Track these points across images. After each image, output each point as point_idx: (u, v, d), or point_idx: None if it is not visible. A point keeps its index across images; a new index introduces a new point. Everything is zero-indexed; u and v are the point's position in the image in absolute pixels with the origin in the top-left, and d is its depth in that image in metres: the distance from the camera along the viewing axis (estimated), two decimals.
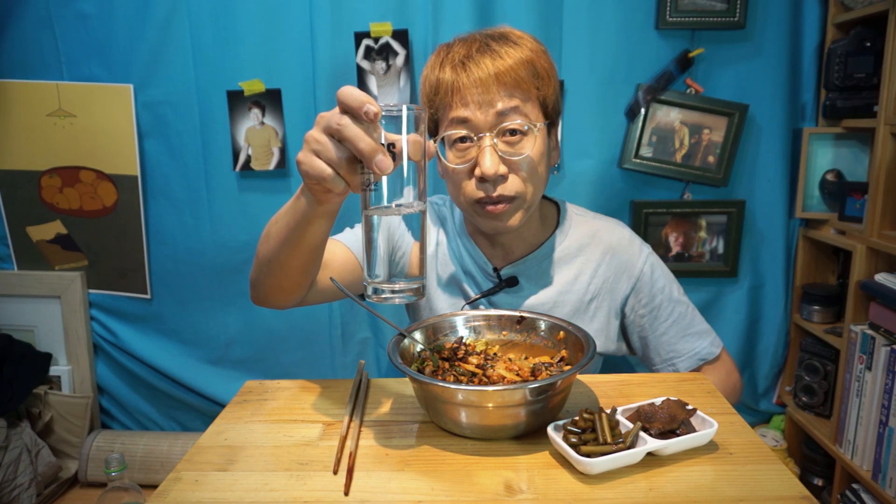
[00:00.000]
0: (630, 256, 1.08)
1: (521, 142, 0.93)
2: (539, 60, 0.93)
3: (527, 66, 0.91)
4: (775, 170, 1.74)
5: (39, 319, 1.95)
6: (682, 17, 1.63)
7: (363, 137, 0.61)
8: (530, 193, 0.96)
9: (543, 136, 0.95)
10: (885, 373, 1.44)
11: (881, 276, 1.48)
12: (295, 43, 1.69)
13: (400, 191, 0.64)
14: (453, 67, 0.91)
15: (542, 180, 0.98)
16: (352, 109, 0.62)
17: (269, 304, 0.96)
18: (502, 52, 0.91)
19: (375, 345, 1.89)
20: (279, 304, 0.95)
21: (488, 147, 0.91)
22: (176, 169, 1.81)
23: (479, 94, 0.90)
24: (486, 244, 1.09)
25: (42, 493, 1.78)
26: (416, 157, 0.64)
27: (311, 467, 0.68)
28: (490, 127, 0.91)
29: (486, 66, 0.89)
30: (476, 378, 0.77)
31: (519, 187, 0.94)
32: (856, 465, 1.53)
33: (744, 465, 0.66)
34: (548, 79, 0.94)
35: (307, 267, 0.87)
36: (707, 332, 1.09)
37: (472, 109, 0.91)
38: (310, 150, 0.65)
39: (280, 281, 0.89)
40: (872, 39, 1.54)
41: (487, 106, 0.90)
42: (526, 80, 0.91)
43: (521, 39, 0.94)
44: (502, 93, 0.90)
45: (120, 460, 0.98)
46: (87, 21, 1.72)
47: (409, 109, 0.63)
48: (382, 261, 0.65)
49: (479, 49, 0.91)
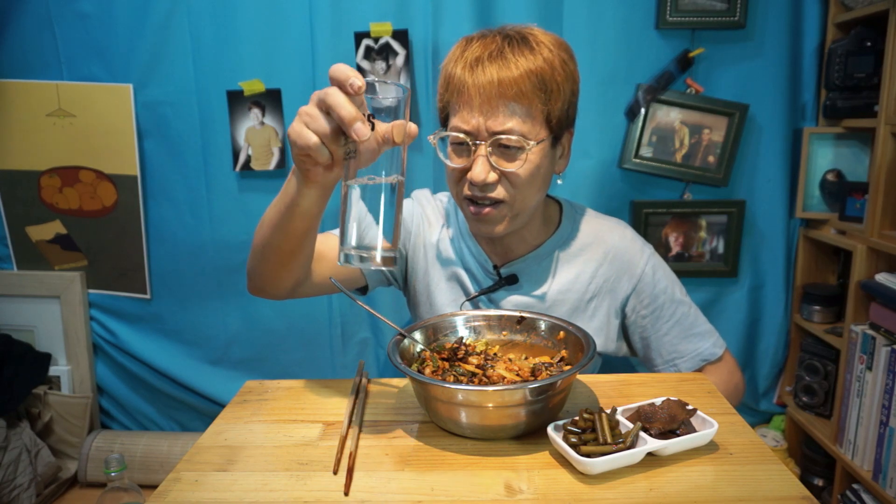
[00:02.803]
0: (632, 257, 1.08)
1: (515, 155, 0.93)
2: (551, 72, 0.92)
3: (534, 77, 0.91)
4: (775, 170, 1.74)
5: (39, 319, 1.95)
6: (682, 16, 1.63)
7: (345, 105, 0.67)
8: (518, 202, 0.96)
9: (541, 151, 0.95)
10: (886, 373, 1.44)
11: (881, 276, 1.48)
12: (295, 43, 1.69)
13: (379, 165, 0.70)
14: (464, 67, 0.93)
15: (536, 190, 0.98)
16: (339, 82, 0.68)
17: (264, 292, 0.98)
18: (513, 60, 0.91)
19: (375, 345, 1.89)
20: (274, 291, 0.98)
21: (482, 156, 0.92)
22: (176, 169, 1.81)
23: (480, 102, 0.91)
24: (486, 242, 1.09)
25: (42, 494, 1.77)
26: (398, 138, 0.70)
27: (311, 467, 0.68)
28: (486, 136, 0.92)
29: (492, 73, 0.90)
30: (476, 378, 0.77)
31: (506, 195, 0.95)
32: (856, 466, 1.53)
33: (744, 465, 0.66)
34: (557, 92, 0.93)
35: (298, 250, 0.89)
36: (710, 332, 1.09)
37: (473, 116, 0.92)
38: (300, 122, 0.70)
39: (273, 267, 0.92)
40: (873, 39, 1.54)
41: (487, 115, 0.91)
42: (529, 93, 0.91)
43: (540, 45, 0.93)
44: (502, 105, 0.91)
45: (120, 460, 0.98)
46: (87, 21, 1.72)
47: (399, 88, 0.68)
48: (352, 229, 0.69)
49: (492, 54, 0.92)
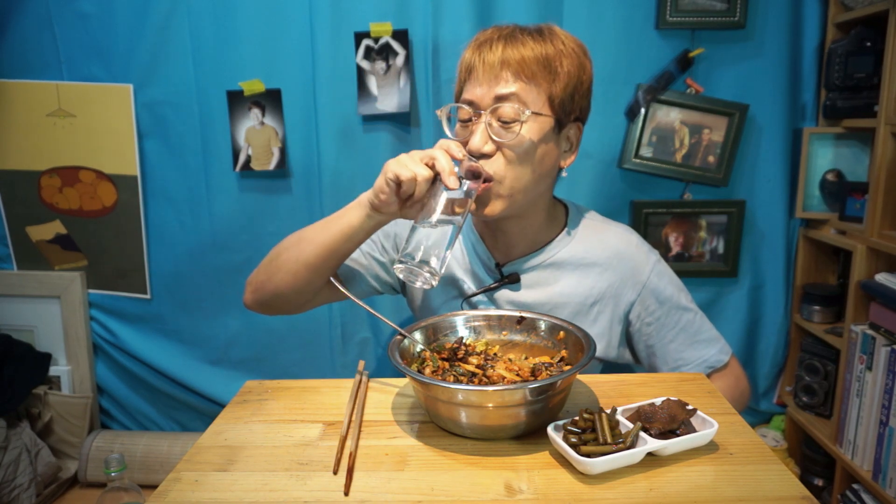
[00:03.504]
0: (637, 263, 1.07)
1: (513, 126, 0.94)
2: (558, 56, 0.96)
3: (541, 57, 0.94)
4: (775, 170, 1.74)
5: (39, 319, 1.95)
6: (682, 16, 1.63)
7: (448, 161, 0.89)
8: (511, 180, 0.96)
9: (539, 129, 0.95)
10: (886, 373, 1.44)
11: (881, 276, 1.48)
12: (295, 43, 1.69)
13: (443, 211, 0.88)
14: (474, 48, 0.98)
15: (531, 172, 0.97)
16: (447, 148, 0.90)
17: (271, 306, 1.05)
18: (521, 40, 0.96)
19: (375, 345, 1.89)
20: (285, 307, 1.05)
21: (481, 125, 0.95)
22: (176, 169, 1.81)
23: (485, 73, 0.95)
24: (489, 238, 1.09)
25: (42, 494, 1.77)
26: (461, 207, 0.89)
27: (311, 467, 0.68)
28: (488, 104, 0.95)
29: (499, 50, 0.95)
30: (476, 378, 0.77)
31: (500, 168, 0.95)
32: (856, 466, 1.53)
33: (744, 465, 0.66)
34: (563, 77, 0.96)
35: (332, 270, 1.02)
36: (716, 339, 1.08)
37: (478, 87, 0.96)
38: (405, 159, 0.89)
39: (301, 284, 1.01)
40: (872, 39, 1.54)
41: (490, 85, 0.95)
42: (533, 70, 0.94)
43: (554, 36, 0.97)
44: (505, 76, 0.94)
45: (120, 460, 0.98)
46: (87, 21, 1.72)
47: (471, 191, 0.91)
48: (416, 247, 0.83)
49: (503, 36, 0.97)
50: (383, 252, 1.13)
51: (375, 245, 1.13)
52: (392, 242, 1.13)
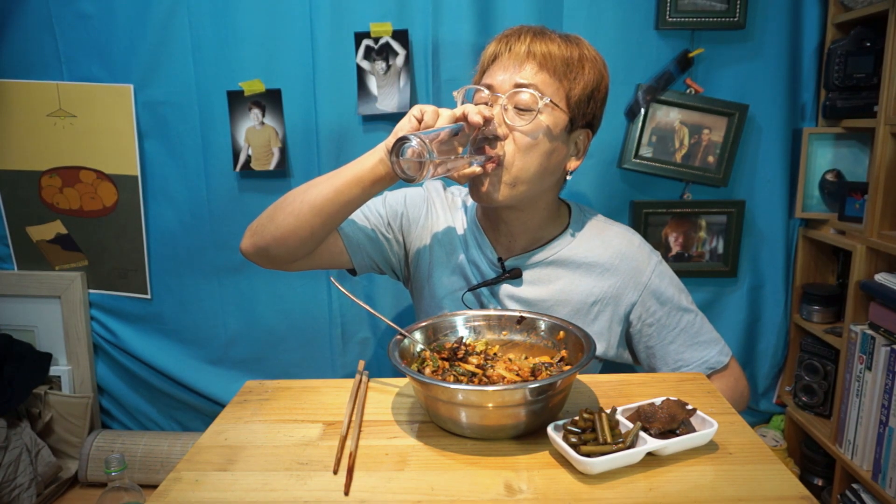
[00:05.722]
0: (638, 264, 1.07)
1: (528, 114, 0.96)
2: (584, 62, 0.98)
3: (566, 58, 0.97)
4: (775, 170, 1.74)
5: (39, 319, 1.95)
6: (681, 17, 1.63)
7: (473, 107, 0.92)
8: (517, 169, 0.97)
9: (554, 121, 0.97)
10: (885, 373, 1.44)
11: (881, 276, 1.48)
12: (295, 43, 1.69)
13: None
14: (501, 39, 1.01)
15: (537, 163, 0.99)
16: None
17: (268, 252, 1.05)
18: (551, 38, 0.99)
19: (375, 345, 1.89)
20: (284, 255, 1.04)
21: (498, 106, 0.97)
22: (176, 169, 1.81)
23: (510, 62, 0.98)
24: (491, 231, 1.09)
25: (42, 494, 1.78)
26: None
27: (311, 467, 0.68)
28: (507, 89, 0.97)
29: (526, 42, 0.98)
30: (476, 378, 0.77)
31: (510, 153, 0.97)
32: (856, 465, 1.53)
33: (744, 465, 0.66)
34: (583, 79, 0.98)
35: (339, 220, 1.02)
36: (716, 340, 1.09)
37: (500, 72, 0.98)
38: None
39: (305, 231, 1.01)
40: (872, 39, 1.54)
41: (512, 73, 0.97)
42: (556, 65, 0.97)
43: (581, 43, 1.01)
44: (530, 66, 0.97)
45: (120, 460, 0.98)
46: (87, 21, 1.72)
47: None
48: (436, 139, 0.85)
49: (533, 31, 1.00)
50: (388, 229, 1.14)
51: (382, 219, 1.14)
52: (399, 222, 1.14)
